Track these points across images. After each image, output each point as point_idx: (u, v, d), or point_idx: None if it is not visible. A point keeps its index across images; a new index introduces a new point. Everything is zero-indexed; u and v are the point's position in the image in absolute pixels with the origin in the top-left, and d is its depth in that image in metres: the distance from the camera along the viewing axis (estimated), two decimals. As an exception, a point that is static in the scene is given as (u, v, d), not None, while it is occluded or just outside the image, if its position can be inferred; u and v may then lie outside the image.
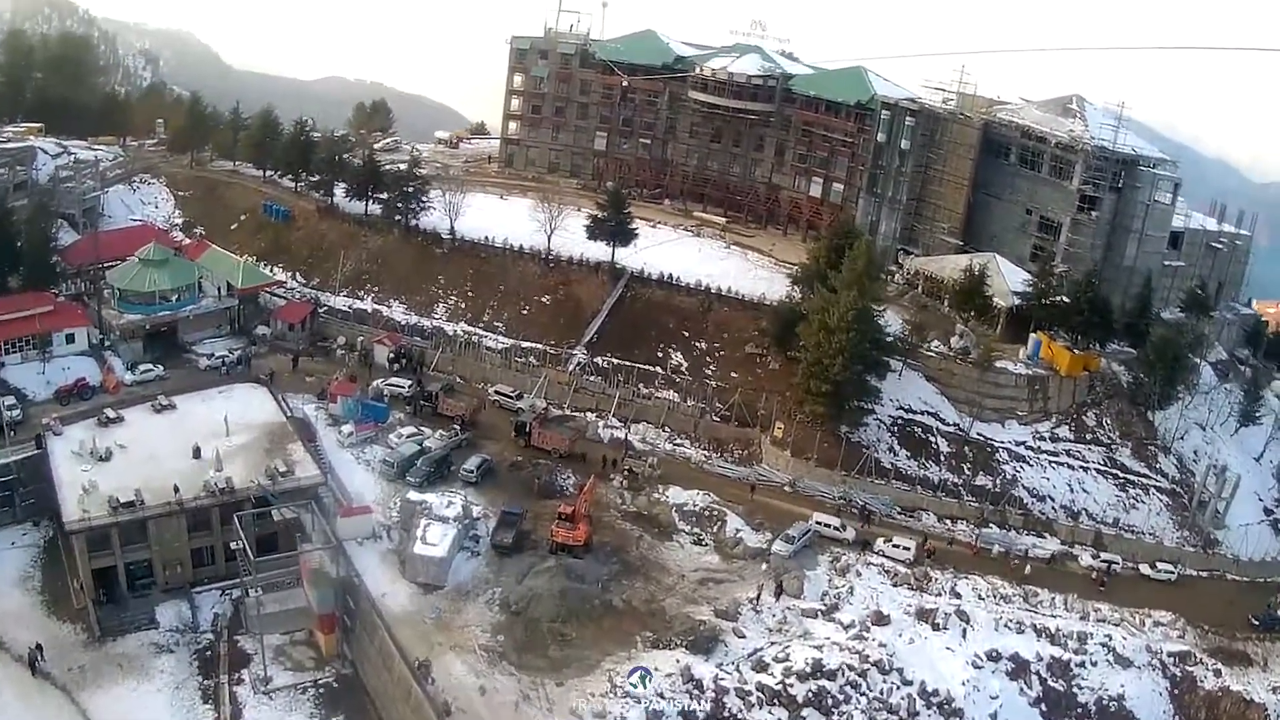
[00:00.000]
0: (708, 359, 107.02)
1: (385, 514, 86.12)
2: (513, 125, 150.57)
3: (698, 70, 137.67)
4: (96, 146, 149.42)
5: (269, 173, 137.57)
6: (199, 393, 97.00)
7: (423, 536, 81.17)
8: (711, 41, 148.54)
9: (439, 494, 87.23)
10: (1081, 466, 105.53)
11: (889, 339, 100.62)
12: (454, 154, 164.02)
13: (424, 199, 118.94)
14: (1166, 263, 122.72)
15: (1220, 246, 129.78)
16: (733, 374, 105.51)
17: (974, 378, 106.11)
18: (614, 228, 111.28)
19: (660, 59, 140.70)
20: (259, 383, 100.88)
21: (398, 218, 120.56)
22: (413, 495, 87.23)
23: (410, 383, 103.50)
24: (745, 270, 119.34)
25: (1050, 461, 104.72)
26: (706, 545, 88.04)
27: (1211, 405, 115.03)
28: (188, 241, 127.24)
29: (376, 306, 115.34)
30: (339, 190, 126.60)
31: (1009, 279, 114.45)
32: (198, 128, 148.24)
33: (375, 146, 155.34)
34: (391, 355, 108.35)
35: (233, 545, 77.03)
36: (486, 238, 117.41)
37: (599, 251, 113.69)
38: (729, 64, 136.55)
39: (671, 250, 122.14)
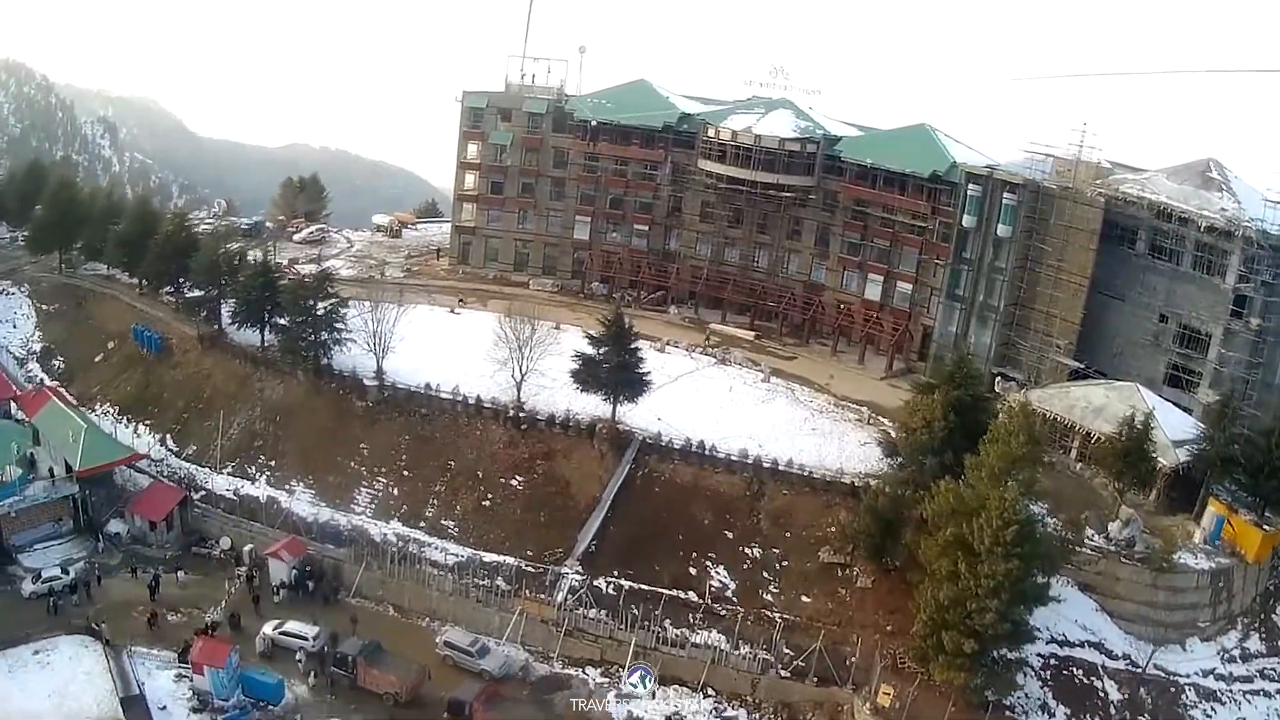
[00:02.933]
0: (764, 574, 71.98)
1: None
2: (467, 209, 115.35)
3: (711, 132, 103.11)
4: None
5: (146, 283, 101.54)
6: (7, 653, 64.43)
7: None
8: (719, 94, 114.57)
9: None
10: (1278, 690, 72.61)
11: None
12: (395, 245, 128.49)
13: (339, 327, 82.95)
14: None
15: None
16: (804, 598, 70.66)
17: (1146, 583, 71.76)
18: (615, 373, 75.84)
19: (660, 118, 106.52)
20: (92, 633, 66.57)
21: (304, 354, 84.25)
22: None
23: (317, 631, 67.56)
24: (799, 419, 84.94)
25: (1244, 692, 71.61)
26: None
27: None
28: (32, 386, 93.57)
29: (272, 493, 79.38)
30: (226, 311, 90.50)
31: (1164, 423, 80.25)
32: (66, 219, 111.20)
33: (295, 238, 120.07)
34: (293, 574, 72.57)
35: None
36: (428, 385, 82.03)
37: (592, 405, 78.38)
38: (753, 123, 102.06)
39: (691, 389, 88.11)
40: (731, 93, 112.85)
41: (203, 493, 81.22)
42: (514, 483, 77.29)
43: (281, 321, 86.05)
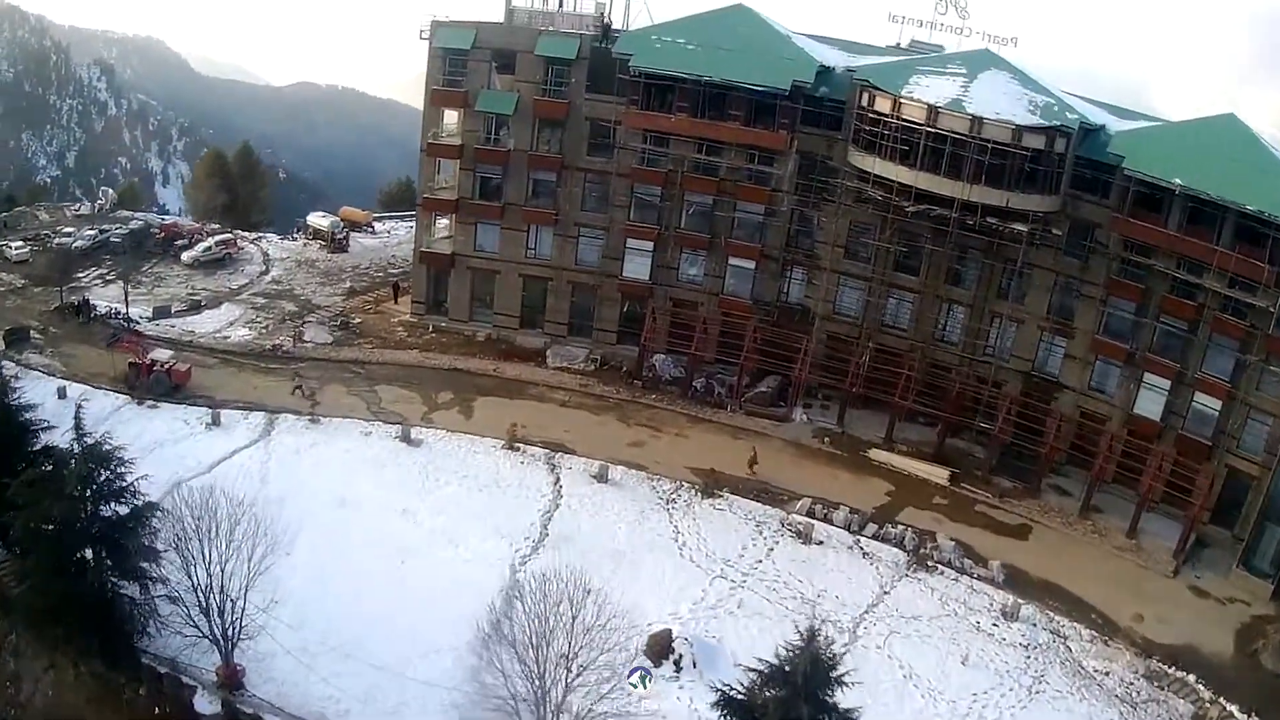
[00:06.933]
0: None
1: None
2: (442, 222, 68.73)
3: (882, 105, 56.53)
4: None
5: None
6: None
7: None
8: (846, 34, 68.47)
9: None
10: None
11: None
12: (334, 267, 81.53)
13: (149, 574, 37.53)
14: None
15: None
16: None
17: None
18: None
19: (783, 73, 59.11)
20: None
21: (76, 623, 38.72)
22: None
23: None
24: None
25: None
26: None
27: None
28: None
29: None
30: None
31: None
32: None
33: (184, 256, 74.96)
34: None
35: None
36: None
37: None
38: (959, 93, 55.15)
39: (887, 662, 44.76)
40: (868, 34, 66.78)
41: None
42: None
43: (47, 528, 39.86)
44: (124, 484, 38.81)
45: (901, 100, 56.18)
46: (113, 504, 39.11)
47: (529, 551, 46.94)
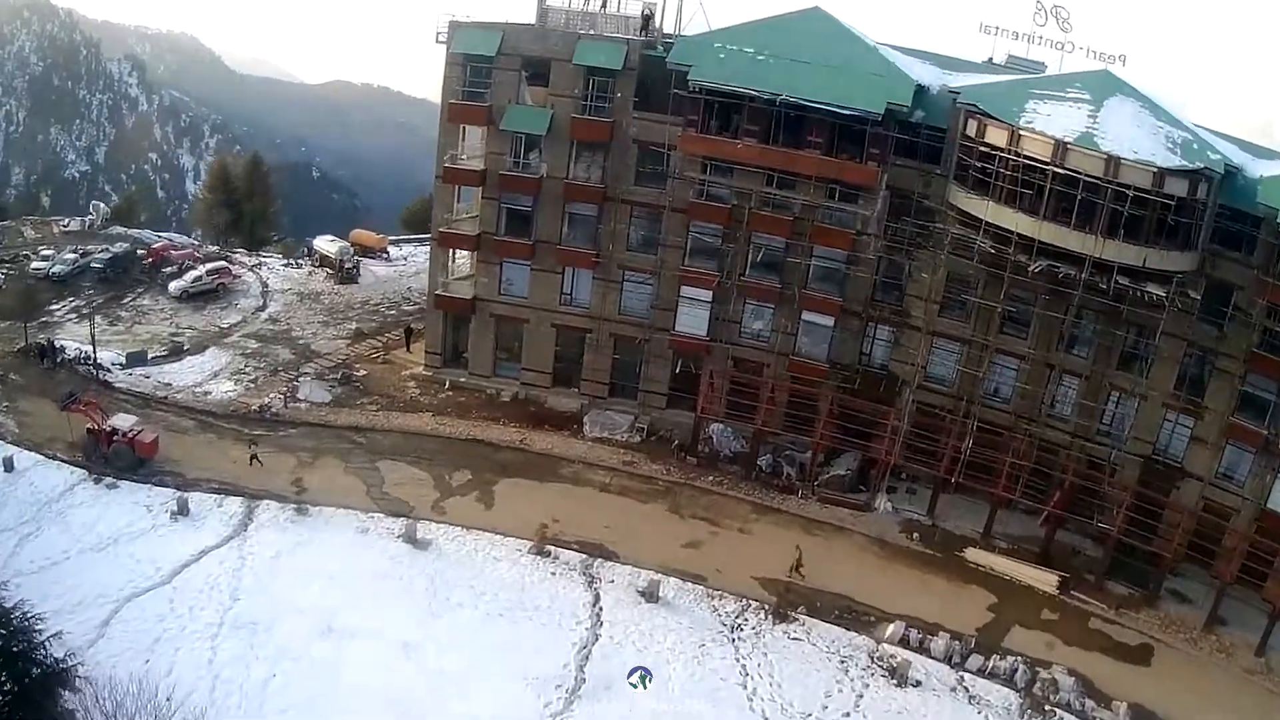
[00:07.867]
0: None
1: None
2: (460, 259, 58.99)
3: (997, 137, 45.92)
4: None
5: None
6: None
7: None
8: (926, 44, 60.23)
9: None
10: None
11: None
12: (341, 302, 71.82)
13: None
14: None
15: None
16: None
17: None
18: None
19: (874, 93, 49.15)
20: None
21: None
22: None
23: None
24: None
25: None
26: None
27: None
28: None
29: None
30: None
31: None
32: None
33: (172, 286, 65.94)
34: None
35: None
36: None
37: None
38: (1089, 124, 44.62)
39: None
40: (947, 44, 58.03)
41: None
42: None
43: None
44: (32, 643, 29.56)
45: (1021, 132, 45.78)
46: (20, 665, 29.96)
47: (561, 706, 37.26)
